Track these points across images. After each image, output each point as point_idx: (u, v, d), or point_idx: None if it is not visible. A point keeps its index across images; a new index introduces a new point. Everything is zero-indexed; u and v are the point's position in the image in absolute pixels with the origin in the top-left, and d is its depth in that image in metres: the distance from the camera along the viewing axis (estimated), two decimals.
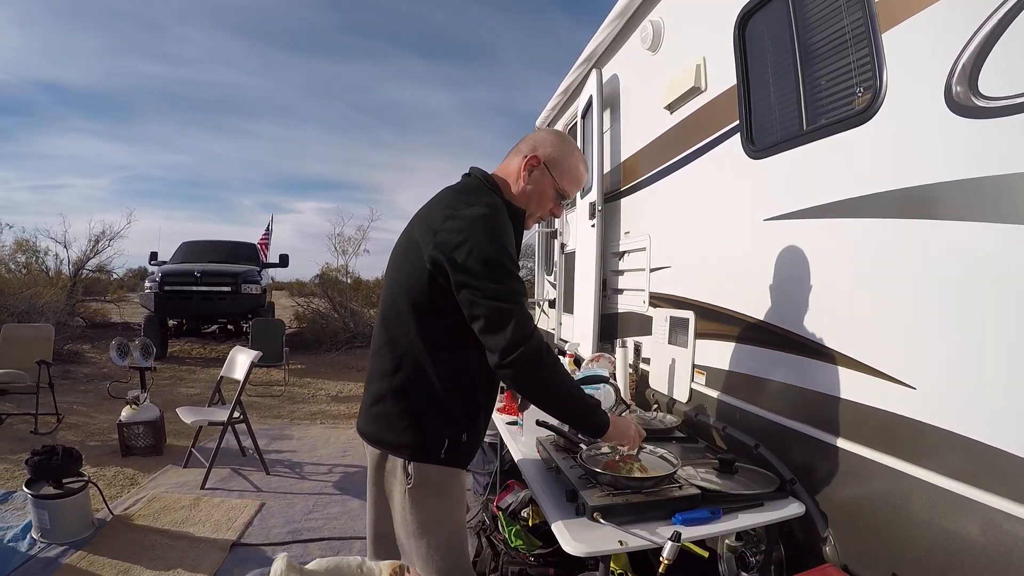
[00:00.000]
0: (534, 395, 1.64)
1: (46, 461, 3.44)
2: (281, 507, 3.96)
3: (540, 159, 1.76)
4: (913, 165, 1.60)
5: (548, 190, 1.79)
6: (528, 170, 1.76)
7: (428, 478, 1.68)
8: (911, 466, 1.59)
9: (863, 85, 1.80)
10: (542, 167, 1.76)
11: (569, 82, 4.97)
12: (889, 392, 1.66)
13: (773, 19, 2.24)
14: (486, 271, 1.51)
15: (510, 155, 1.82)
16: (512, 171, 1.78)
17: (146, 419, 4.96)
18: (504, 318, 1.50)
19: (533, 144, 1.79)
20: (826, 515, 1.89)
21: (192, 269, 10.11)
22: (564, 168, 1.79)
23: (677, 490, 1.83)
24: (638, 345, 3.53)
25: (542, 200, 1.80)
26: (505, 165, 1.82)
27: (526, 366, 1.52)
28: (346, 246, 12.85)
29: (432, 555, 1.69)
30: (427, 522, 1.69)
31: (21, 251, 11.84)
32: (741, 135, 2.42)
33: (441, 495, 1.71)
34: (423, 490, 1.68)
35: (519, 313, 1.52)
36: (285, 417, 6.53)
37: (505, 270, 1.53)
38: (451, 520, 1.74)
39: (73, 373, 8.36)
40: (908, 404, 1.60)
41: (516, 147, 1.83)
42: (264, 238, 14.16)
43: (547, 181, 1.78)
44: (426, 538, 1.69)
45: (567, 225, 5.51)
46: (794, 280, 2.10)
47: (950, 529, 1.47)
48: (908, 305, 1.63)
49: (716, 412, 2.58)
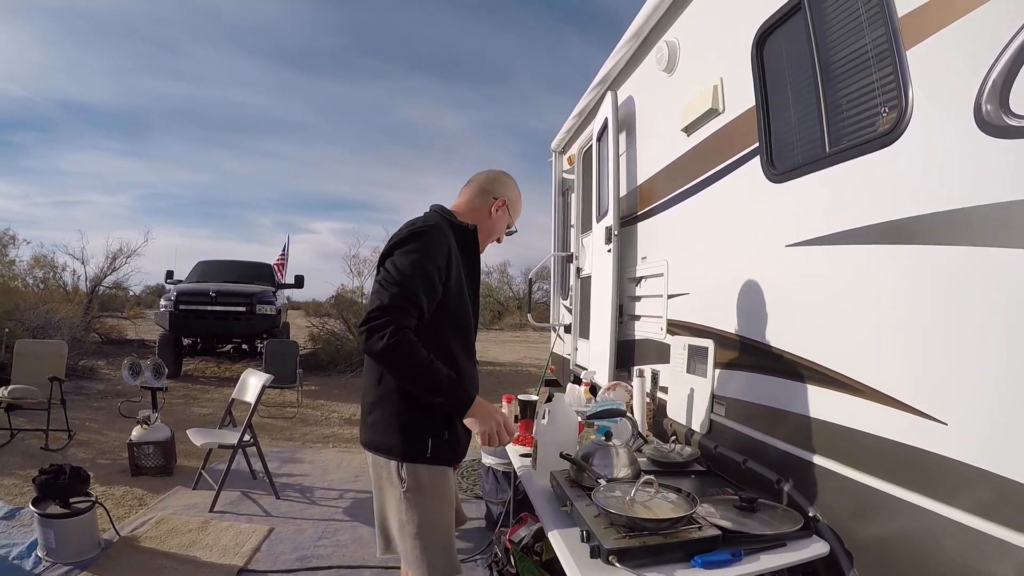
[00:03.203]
0: (384, 367, 1.88)
1: (53, 480, 3.41)
2: (290, 532, 3.88)
3: (505, 201, 2.23)
4: (942, 188, 1.52)
5: (503, 224, 2.27)
6: (497, 209, 2.22)
7: (421, 480, 1.93)
8: (942, 505, 1.49)
9: (888, 105, 1.73)
10: (505, 207, 2.24)
11: (584, 104, 4.94)
12: (919, 427, 1.56)
13: (792, 37, 2.18)
14: (396, 261, 1.88)
15: (470, 191, 2.24)
16: (477, 205, 2.21)
17: (156, 439, 4.92)
18: (378, 295, 1.84)
19: (497, 187, 2.24)
20: (852, 555, 1.78)
21: (207, 289, 10.16)
22: (517, 206, 2.31)
23: (696, 531, 1.73)
24: (655, 373, 3.44)
25: (500, 229, 2.27)
26: (467, 200, 2.23)
27: (371, 337, 1.78)
28: (362, 267, 12.87)
29: (425, 556, 1.91)
30: (422, 524, 1.92)
31: (39, 266, 11.97)
32: (761, 158, 2.35)
33: (433, 497, 1.95)
34: (417, 492, 1.92)
35: (388, 296, 1.81)
36: (297, 439, 6.47)
37: (412, 267, 1.85)
38: (442, 522, 1.98)
39: (87, 389, 8.37)
40: (939, 440, 1.51)
41: (478, 186, 2.24)
42: (280, 259, 14.25)
43: (505, 217, 2.26)
44: (420, 540, 1.91)
45: (583, 249, 5.45)
46: (817, 309, 2.02)
47: (983, 572, 1.37)
48: (937, 336, 1.54)
49: (736, 444, 2.48)
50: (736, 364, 2.53)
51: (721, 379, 2.66)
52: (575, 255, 5.68)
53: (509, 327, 22.35)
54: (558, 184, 6.45)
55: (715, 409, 2.69)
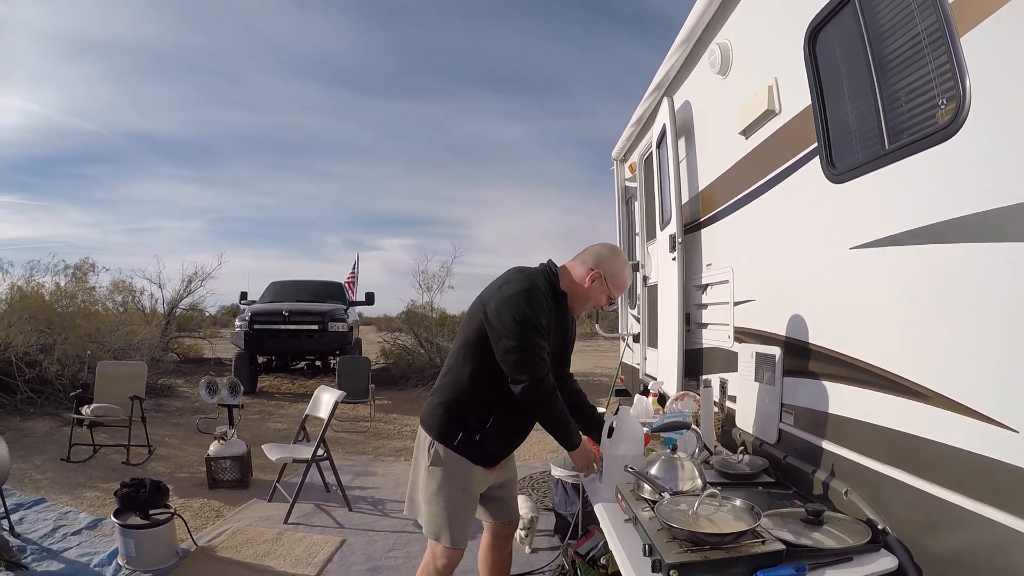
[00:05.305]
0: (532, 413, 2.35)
1: (134, 493, 3.61)
2: (362, 544, 3.97)
3: (601, 274, 2.43)
4: (1009, 180, 1.43)
5: (602, 295, 2.49)
6: (592, 280, 2.44)
7: (442, 460, 2.33)
8: (1013, 518, 1.39)
9: (945, 96, 1.64)
10: (602, 279, 2.44)
11: (642, 111, 4.90)
12: (989, 435, 1.47)
13: (844, 31, 2.10)
14: (513, 327, 2.22)
15: (578, 258, 2.51)
16: (578, 274, 2.46)
17: (233, 454, 5.14)
18: (520, 361, 2.22)
19: (597, 260, 2.46)
20: (921, 570, 1.69)
21: (280, 308, 10.53)
22: (617, 281, 2.49)
23: (759, 545, 1.68)
24: (724, 382, 3.36)
25: (598, 299, 2.50)
26: (574, 265, 2.50)
27: (530, 391, 2.23)
28: (430, 283, 13.05)
29: (433, 518, 2.34)
30: (435, 492, 2.33)
31: (118, 291, 12.61)
32: (820, 158, 2.27)
33: (450, 478, 2.32)
34: (437, 467, 2.33)
35: (529, 357, 2.22)
36: (370, 453, 6.62)
37: (528, 326, 2.22)
38: (454, 501, 2.33)
39: (166, 407, 8.80)
40: (1011, 449, 1.41)
41: (583, 255, 2.50)
42: (351, 277, 14.62)
43: (603, 288, 2.46)
44: (431, 505, 2.35)
45: (648, 257, 5.38)
46: (882, 313, 1.93)
47: None
48: (1008, 340, 1.45)
49: (805, 454, 2.39)
50: (803, 371, 2.44)
51: (789, 387, 2.58)
52: (641, 264, 5.61)
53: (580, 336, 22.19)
54: (621, 192, 6.40)
55: (783, 418, 2.60)
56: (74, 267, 11.37)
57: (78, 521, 4.19)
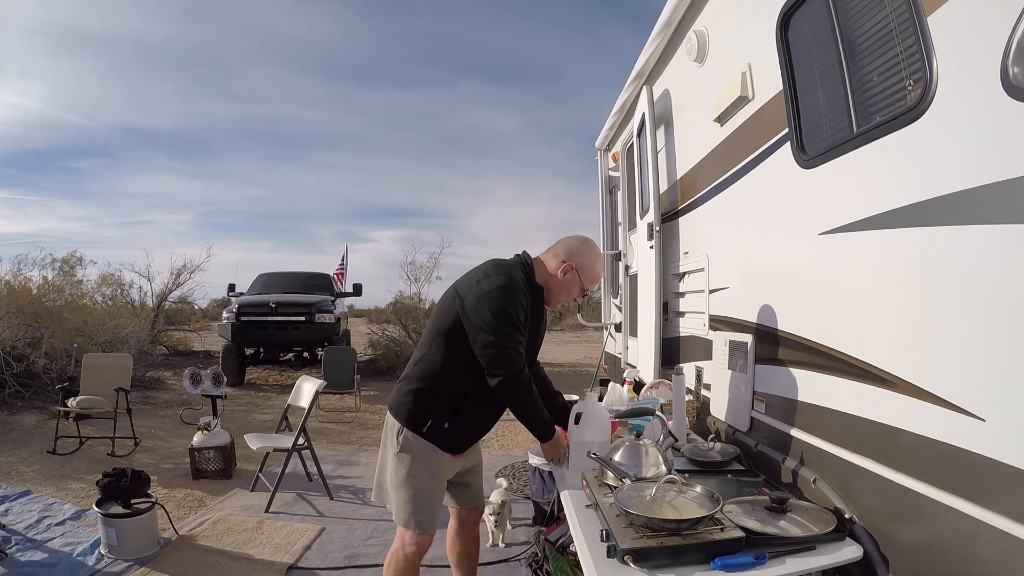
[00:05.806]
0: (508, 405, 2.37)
1: (115, 482, 3.63)
2: (341, 532, 3.97)
3: (573, 266, 2.44)
4: (972, 162, 1.40)
5: (575, 287, 2.48)
6: (564, 272, 2.44)
7: (411, 446, 2.32)
8: (980, 509, 1.38)
9: (913, 78, 1.62)
10: (574, 272, 2.44)
11: (623, 101, 4.87)
12: (955, 423, 1.45)
13: (814, 15, 2.07)
14: (492, 322, 2.22)
15: (551, 251, 2.50)
16: (551, 266, 2.47)
17: (216, 444, 5.13)
18: (498, 356, 2.24)
19: (569, 252, 2.46)
20: (887, 560, 1.68)
21: (268, 300, 10.45)
22: (590, 273, 2.49)
23: (718, 532, 1.66)
24: (699, 370, 3.35)
25: (570, 292, 2.49)
26: (547, 258, 2.49)
27: (506, 385, 2.26)
28: (418, 273, 13.01)
29: (403, 504, 2.34)
30: (404, 479, 2.33)
31: (106, 284, 12.54)
32: (791, 143, 2.25)
33: (417, 463, 2.32)
34: (406, 453, 2.32)
35: (507, 352, 2.24)
36: (354, 443, 6.59)
37: (506, 321, 2.22)
38: (422, 486, 2.33)
39: (154, 399, 8.74)
40: (977, 438, 1.39)
41: (555, 247, 2.51)
42: (340, 268, 14.53)
43: (576, 280, 2.46)
44: (400, 491, 2.34)
45: (630, 247, 5.36)
46: (850, 299, 1.91)
47: None
48: (977, 326, 1.42)
49: (776, 442, 2.38)
50: (774, 359, 2.43)
51: (761, 375, 2.56)
52: (623, 253, 5.60)
53: (569, 327, 22.13)
54: (604, 182, 6.38)
55: (755, 406, 2.59)
56: (62, 261, 11.35)
57: (62, 512, 4.18)
